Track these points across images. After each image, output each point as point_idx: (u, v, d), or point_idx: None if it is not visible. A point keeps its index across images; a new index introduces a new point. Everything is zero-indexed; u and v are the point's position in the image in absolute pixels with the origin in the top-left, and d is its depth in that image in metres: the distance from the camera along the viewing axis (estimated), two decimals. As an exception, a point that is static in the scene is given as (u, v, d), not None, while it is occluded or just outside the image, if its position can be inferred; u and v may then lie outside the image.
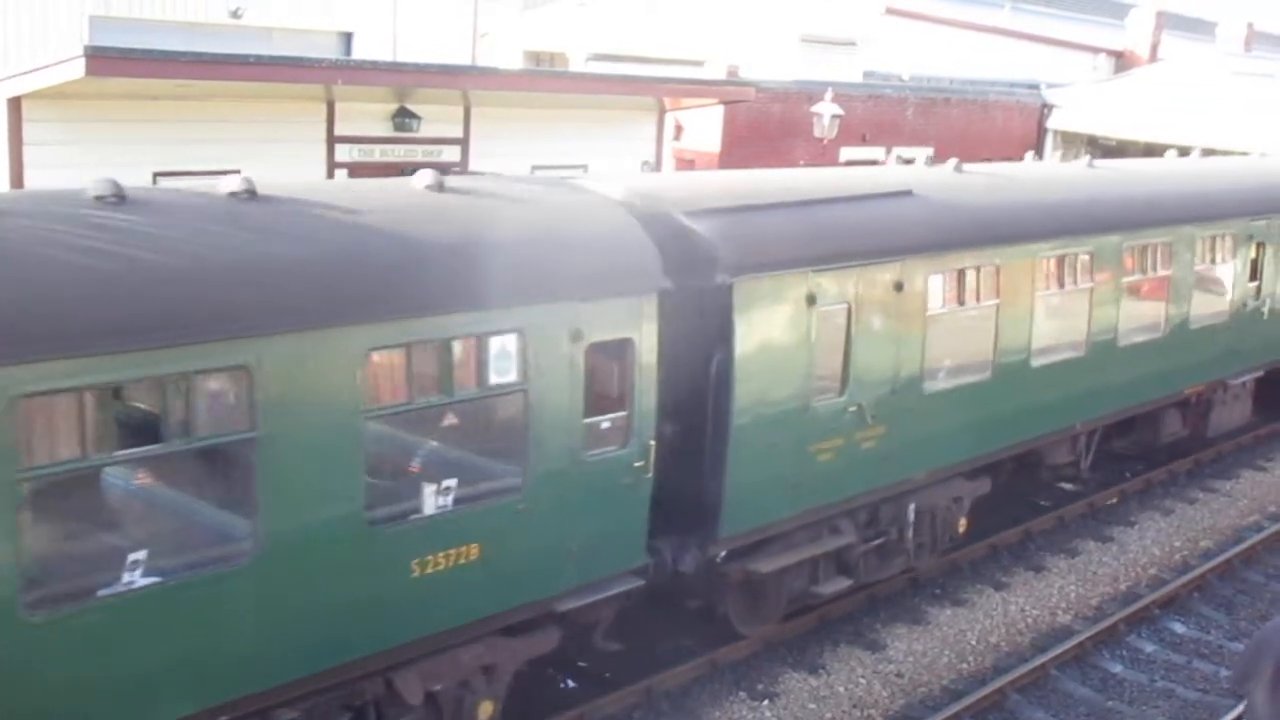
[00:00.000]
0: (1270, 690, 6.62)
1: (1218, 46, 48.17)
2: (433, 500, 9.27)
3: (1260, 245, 19.45)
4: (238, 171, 17.06)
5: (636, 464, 10.54)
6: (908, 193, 13.49)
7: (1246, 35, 48.35)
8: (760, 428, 11.43)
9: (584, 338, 9.99)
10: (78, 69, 15.72)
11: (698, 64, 33.16)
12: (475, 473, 9.74)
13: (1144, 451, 18.92)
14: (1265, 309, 19.80)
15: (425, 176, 10.20)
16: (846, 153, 30.20)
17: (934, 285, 13.23)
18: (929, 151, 20.97)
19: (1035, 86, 38.66)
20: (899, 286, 12.64)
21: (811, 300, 11.74)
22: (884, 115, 32.57)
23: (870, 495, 12.89)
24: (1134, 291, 16.60)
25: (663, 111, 24.82)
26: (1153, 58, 44.67)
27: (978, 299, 13.95)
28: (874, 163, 29.48)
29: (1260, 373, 19.90)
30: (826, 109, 27.17)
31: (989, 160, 24.59)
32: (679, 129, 28.32)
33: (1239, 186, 19.85)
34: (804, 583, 12.57)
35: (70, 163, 16.09)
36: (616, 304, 10.26)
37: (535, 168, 20.19)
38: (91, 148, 16.68)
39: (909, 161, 17.97)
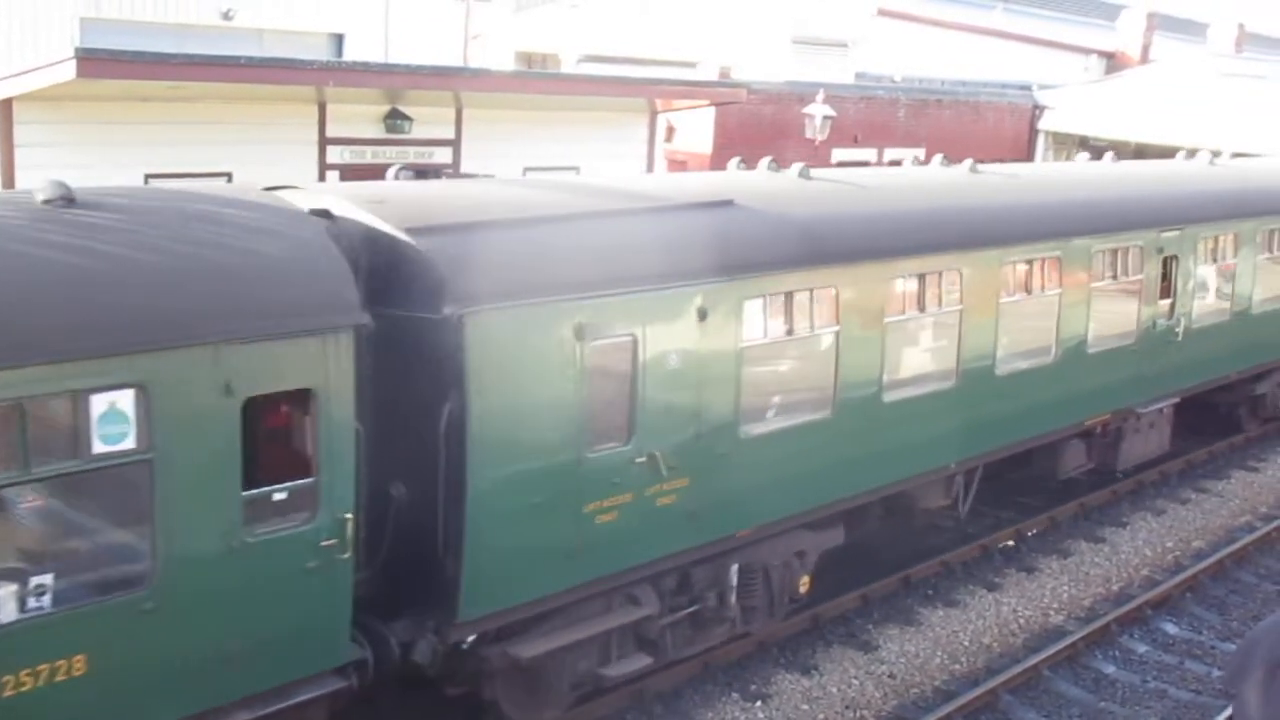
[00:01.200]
0: (1262, 690, 6.63)
1: (1208, 48, 48.28)
2: (13, 604, 7.45)
3: (1173, 259, 17.49)
4: (229, 174, 17.25)
5: (326, 542, 8.67)
6: (727, 203, 11.85)
7: (1237, 36, 48.47)
8: (511, 488, 9.63)
9: (240, 390, 8.12)
10: (68, 71, 15.69)
11: (689, 65, 33.18)
12: (81, 566, 7.90)
13: (1043, 485, 17.29)
14: (1179, 330, 17.80)
15: (47, 188, 8.24)
16: (839, 154, 30.23)
17: (752, 312, 11.43)
18: (919, 153, 20.96)
19: (1027, 88, 38.72)
20: (703, 314, 10.85)
21: (581, 333, 9.88)
22: (876, 116, 32.60)
23: (676, 558, 11.11)
24: (1016, 313, 14.68)
25: (654, 113, 24.82)
26: (1144, 59, 44.76)
27: (812, 326, 12.12)
28: (864, 163, 29.52)
29: (1176, 400, 17.98)
30: (818, 110, 27.20)
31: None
32: (671, 130, 28.33)
33: (1149, 194, 18.03)
34: (592, 663, 10.79)
35: (61, 165, 16.03)
36: (290, 346, 8.40)
37: (527, 169, 20.19)
38: (83, 150, 16.66)
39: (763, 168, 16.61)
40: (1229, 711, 11.06)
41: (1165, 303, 17.53)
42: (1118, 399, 16.74)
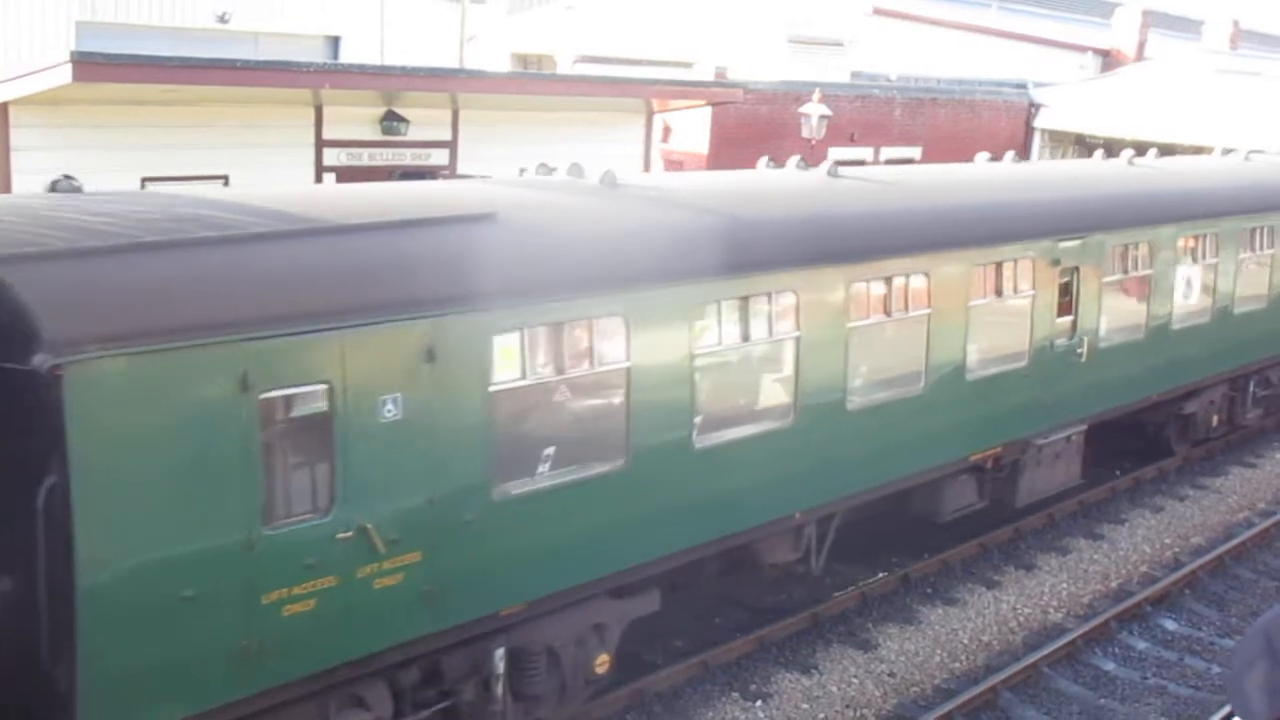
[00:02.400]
0: (1264, 684, 6.63)
1: (1204, 45, 48.37)
2: None
3: (1074, 271, 15.56)
4: (225, 177, 17.26)
5: None
6: (485, 218, 9.75)
7: (1232, 33, 48.57)
8: (144, 580, 7.70)
9: None
10: (65, 74, 15.70)
11: (686, 66, 33.21)
12: None
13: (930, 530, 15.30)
14: (1082, 350, 15.81)
15: None
16: (835, 153, 30.24)
17: (505, 349, 9.50)
18: (915, 152, 20.95)
19: (1022, 86, 38.78)
20: (431, 354, 8.87)
21: (248, 383, 7.95)
22: (872, 115, 32.62)
23: (411, 647, 9.23)
24: (872, 339, 12.82)
25: (651, 113, 24.87)
26: (1139, 56, 44.83)
27: (592, 362, 10.18)
28: (860, 163, 29.54)
29: (1083, 427, 16.10)
30: (814, 109, 27.20)
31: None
32: (667, 130, 28.35)
33: (1044, 198, 15.82)
34: None
35: (58, 168, 16.04)
36: None
37: (523, 171, 20.18)
38: (79, 153, 16.64)
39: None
40: (1228, 708, 11.07)
41: (1065, 320, 15.53)
42: (1009, 430, 14.85)
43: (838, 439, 12.49)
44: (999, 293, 14.50)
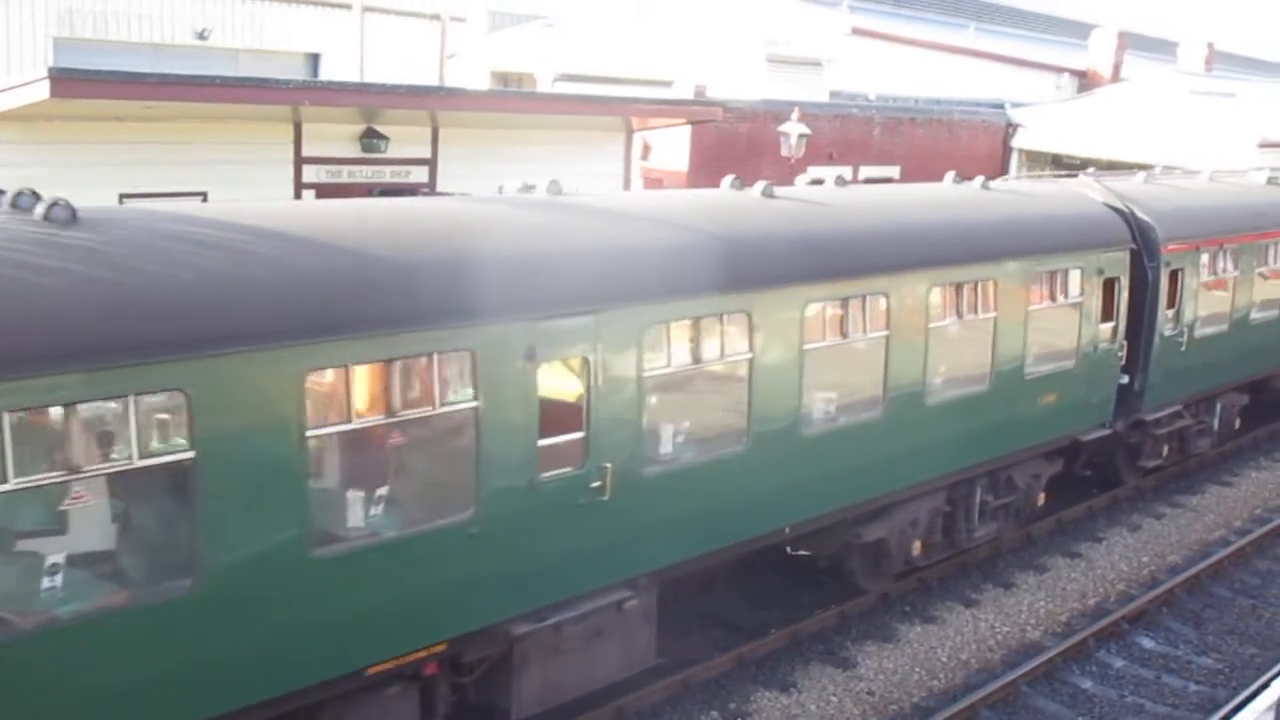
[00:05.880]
0: None
1: (1179, 66, 48.82)
2: None
3: (581, 365, 10.18)
4: (204, 194, 17.20)
5: None
6: None
7: (1207, 55, 49.13)
8: None
9: None
10: (42, 90, 15.63)
11: (665, 84, 33.30)
12: None
13: None
14: (601, 483, 10.31)
15: None
16: (814, 172, 30.37)
17: None
18: (895, 171, 21.01)
19: (1000, 106, 39.06)
20: None
21: None
22: (851, 134, 32.78)
23: None
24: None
25: (630, 131, 24.91)
26: (1115, 77, 45.22)
27: None
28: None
29: (627, 594, 10.84)
30: (793, 128, 27.28)
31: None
32: (647, 148, 28.42)
33: (502, 252, 9.98)
34: None
35: (35, 185, 15.99)
36: None
37: (503, 189, 20.21)
38: (56, 170, 16.55)
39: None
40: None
41: (561, 441, 10.10)
42: (453, 618, 9.60)
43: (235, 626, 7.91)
44: (388, 410, 8.95)
